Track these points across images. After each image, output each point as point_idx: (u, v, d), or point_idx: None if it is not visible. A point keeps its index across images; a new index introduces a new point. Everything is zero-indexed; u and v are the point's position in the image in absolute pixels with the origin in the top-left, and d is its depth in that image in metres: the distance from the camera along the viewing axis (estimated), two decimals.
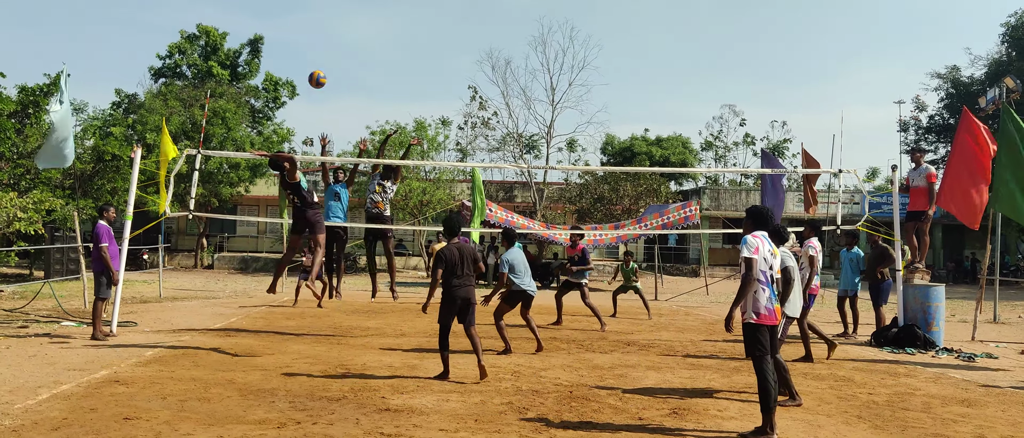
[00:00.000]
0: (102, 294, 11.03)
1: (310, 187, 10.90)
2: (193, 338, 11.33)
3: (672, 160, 48.64)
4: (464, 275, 8.59)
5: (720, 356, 10.91)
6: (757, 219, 6.73)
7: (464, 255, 8.59)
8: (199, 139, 16.24)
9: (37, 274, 23.70)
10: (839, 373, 9.69)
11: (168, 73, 39.45)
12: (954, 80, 46.81)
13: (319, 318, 14.47)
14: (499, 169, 46.70)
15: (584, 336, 12.62)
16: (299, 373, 8.68)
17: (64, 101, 12.45)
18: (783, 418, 7.05)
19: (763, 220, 6.73)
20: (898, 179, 13.75)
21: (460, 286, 8.54)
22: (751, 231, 6.65)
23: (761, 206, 6.98)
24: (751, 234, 6.58)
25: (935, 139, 49.28)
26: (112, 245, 11.22)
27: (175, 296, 18.61)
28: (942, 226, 41.03)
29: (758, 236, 6.56)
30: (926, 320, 12.52)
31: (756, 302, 6.41)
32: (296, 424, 6.40)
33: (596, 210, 34.54)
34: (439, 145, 37.40)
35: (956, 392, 8.62)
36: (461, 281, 8.56)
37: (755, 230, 6.65)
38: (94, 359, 9.19)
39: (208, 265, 35.30)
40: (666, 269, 35.06)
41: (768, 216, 6.75)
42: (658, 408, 7.36)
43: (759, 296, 6.41)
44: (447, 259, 8.52)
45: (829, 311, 17.03)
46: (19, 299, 15.98)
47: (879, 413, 7.42)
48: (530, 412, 7.07)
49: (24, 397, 7.10)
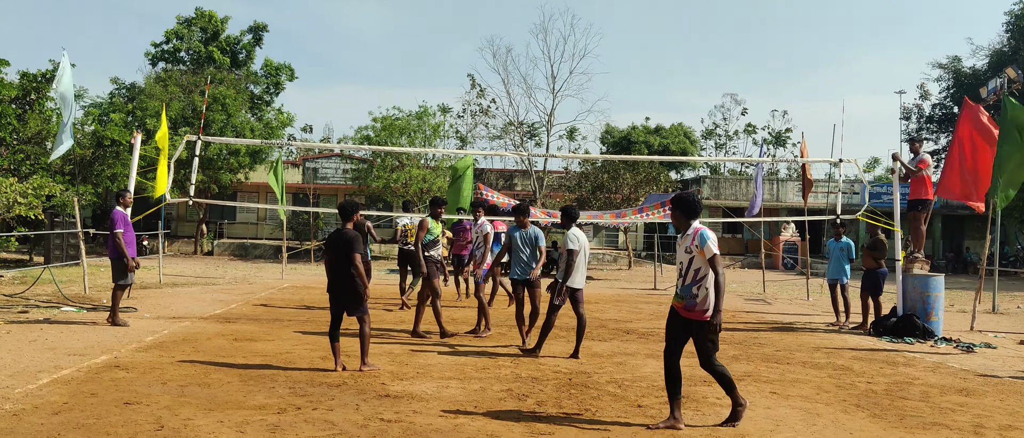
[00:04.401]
0: (119, 281, 10.94)
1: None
2: (193, 324, 11.35)
3: (672, 149, 48.57)
4: None
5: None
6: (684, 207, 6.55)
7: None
8: (199, 125, 16.21)
9: (37, 259, 23.70)
10: (838, 362, 9.71)
11: (167, 58, 39.29)
12: (956, 71, 46.73)
13: (318, 304, 14.48)
14: (499, 157, 46.67)
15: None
16: (299, 359, 8.70)
17: (63, 85, 12.40)
18: (782, 407, 7.07)
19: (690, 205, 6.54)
20: (898, 169, 13.72)
21: None
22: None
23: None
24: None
25: (936, 129, 49.23)
26: (128, 231, 11.04)
27: (175, 282, 18.62)
28: (942, 216, 41.04)
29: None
30: (925, 310, 12.53)
31: None
32: (296, 409, 6.41)
33: (596, 198, 34.53)
34: (442, 134, 37.36)
35: (954, 382, 8.64)
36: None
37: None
38: (94, 344, 9.21)
39: (208, 251, 35.31)
40: (665, 258, 35.03)
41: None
42: (657, 396, 7.38)
43: None
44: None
45: (827, 300, 17.05)
46: (19, 284, 15.99)
47: (877, 402, 7.44)
48: (529, 399, 7.08)
49: (25, 382, 7.11)
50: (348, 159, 40.30)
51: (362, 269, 8.10)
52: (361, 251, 8.10)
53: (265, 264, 28.94)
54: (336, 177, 42.11)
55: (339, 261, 8.11)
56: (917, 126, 49.65)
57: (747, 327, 13.19)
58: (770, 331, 12.76)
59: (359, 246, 8.07)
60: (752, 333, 12.39)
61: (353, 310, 8.24)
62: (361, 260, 8.08)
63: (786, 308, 17.08)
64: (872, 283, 13.10)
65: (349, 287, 8.13)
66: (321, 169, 42.38)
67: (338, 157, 41.65)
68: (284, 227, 25.02)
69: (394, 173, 33.93)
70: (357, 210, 8.48)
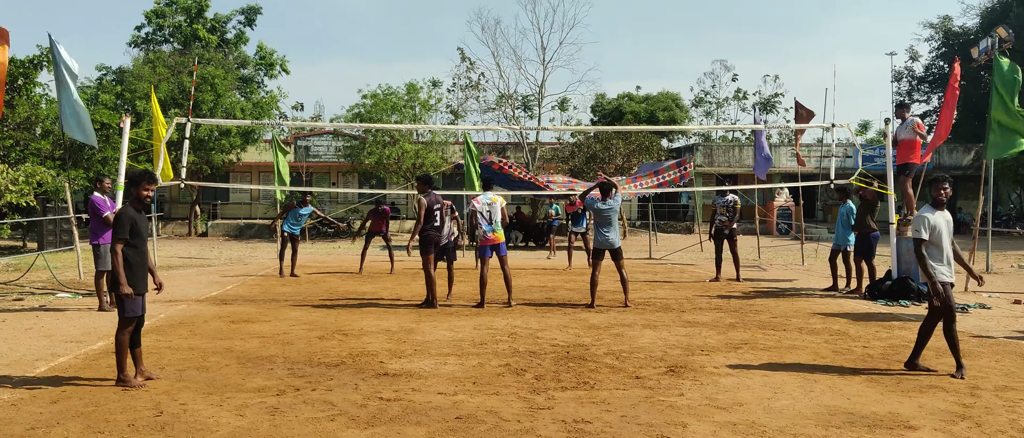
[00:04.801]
0: (102, 266, 10.88)
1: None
2: (189, 307, 11.35)
3: (660, 118, 48.42)
4: None
5: (716, 312, 10.96)
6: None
7: None
8: (188, 107, 16.17)
9: (30, 246, 23.64)
10: (834, 327, 9.75)
11: (149, 41, 38.89)
12: (946, 30, 46.63)
13: (315, 284, 14.49)
14: (492, 131, 46.52)
15: (580, 296, 12.65)
16: (297, 340, 8.71)
17: (61, 70, 12.11)
18: (780, 374, 7.10)
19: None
20: (891, 132, 13.71)
21: None
22: None
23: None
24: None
25: (928, 89, 49.21)
26: (103, 212, 10.88)
27: (170, 265, 18.58)
28: (934, 178, 41.02)
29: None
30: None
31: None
32: (295, 391, 6.42)
33: (589, 169, 34.48)
34: (431, 108, 37.19)
35: None
36: None
37: None
38: (91, 330, 9.20)
39: (202, 233, 35.26)
40: (660, 227, 35.07)
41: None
42: (655, 366, 7.40)
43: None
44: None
45: (823, 265, 17.10)
46: (13, 271, 15.96)
47: (874, 366, 7.48)
48: (528, 373, 7.10)
49: (22, 370, 7.11)
50: (340, 136, 40.14)
51: (118, 257, 6.54)
52: (119, 234, 6.55)
53: (260, 244, 28.91)
54: (329, 155, 41.97)
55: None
56: (908, 88, 49.60)
57: (743, 294, 13.23)
58: (766, 297, 12.80)
59: (118, 227, 6.57)
60: (748, 300, 12.43)
61: None
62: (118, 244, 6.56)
63: (781, 274, 17.14)
64: (865, 247, 13.13)
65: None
66: (313, 147, 42.23)
67: (330, 135, 41.49)
68: (278, 207, 24.95)
69: (387, 149, 33.83)
70: (138, 181, 6.76)
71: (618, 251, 11.50)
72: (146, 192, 6.71)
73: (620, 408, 5.98)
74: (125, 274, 6.51)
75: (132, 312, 6.62)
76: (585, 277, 14.19)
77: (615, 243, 11.43)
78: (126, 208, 6.65)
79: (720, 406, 6.04)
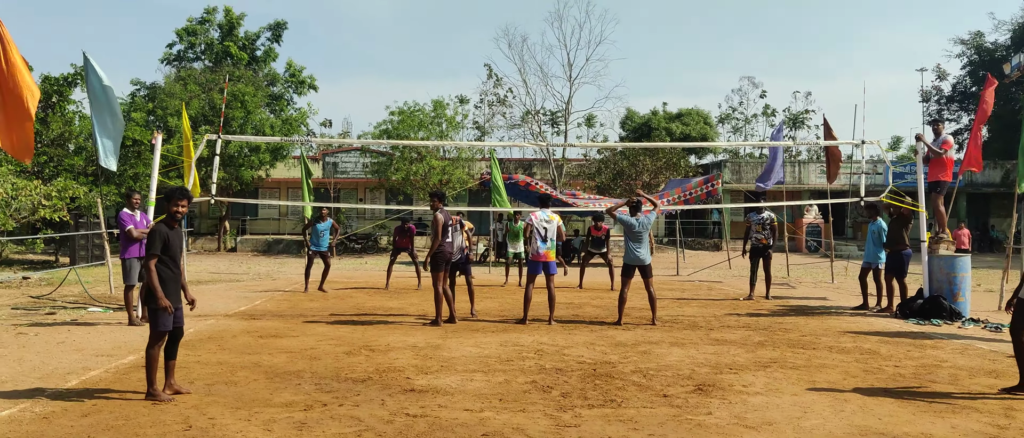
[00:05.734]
0: (128, 282, 11.05)
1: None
2: (218, 321, 11.43)
3: (692, 135, 48.30)
4: None
5: (744, 330, 10.87)
6: None
7: None
8: (219, 123, 16.33)
9: (63, 260, 23.95)
10: (865, 346, 9.64)
11: (181, 58, 39.41)
12: (978, 46, 46.14)
13: (342, 299, 14.56)
14: (519, 147, 46.61)
15: (607, 313, 12.60)
16: (324, 355, 8.74)
17: (95, 90, 12.22)
18: (809, 394, 7.02)
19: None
20: (921, 149, 13.57)
21: None
22: None
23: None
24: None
25: (957, 108, 48.69)
26: (131, 225, 11.02)
27: (199, 279, 18.75)
28: (967, 194, 40.57)
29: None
30: (952, 291, 12.41)
31: None
32: (322, 406, 6.44)
33: (616, 185, 34.43)
34: (458, 125, 37.34)
35: (984, 363, 8.55)
36: None
37: None
38: (121, 344, 9.29)
39: (231, 248, 35.55)
40: (688, 244, 34.88)
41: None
42: (683, 385, 7.35)
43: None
44: None
45: (853, 283, 16.93)
46: (46, 286, 16.18)
47: (906, 386, 7.38)
48: (554, 390, 7.07)
49: (54, 383, 7.19)
50: (367, 153, 40.40)
51: (151, 272, 6.65)
52: (152, 249, 6.69)
53: (288, 259, 29.09)
54: (356, 171, 42.23)
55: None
56: (937, 107, 49.11)
57: (771, 312, 13.11)
58: (795, 315, 12.69)
59: (150, 243, 6.72)
60: (777, 318, 12.32)
61: None
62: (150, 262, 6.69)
63: (811, 292, 16.98)
64: (897, 264, 12.97)
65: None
66: (341, 163, 42.52)
67: (357, 151, 41.77)
68: (305, 222, 25.11)
69: (413, 166, 33.99)
70: (172, 197, 6.88)
71: (647, 268, 11.41)
72: (179, 208, 6.82)
73: (648, 426, 5.93)
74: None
75: (164, 327, 6.70)
76: (610, 297, 14.15)
77: (646, 260, 11.35)
78: (159, 225, 6.76)
79: (749, 425, 5.97)
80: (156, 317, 6.66)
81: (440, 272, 11.15)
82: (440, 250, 11.08)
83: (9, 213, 16.61)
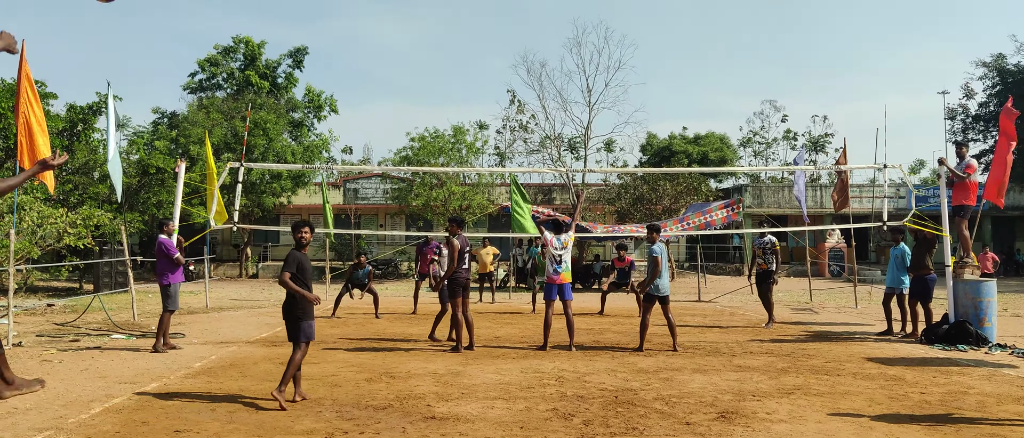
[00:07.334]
0: (169, 307, 11.24)
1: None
2: (240, 348, 11.47)
3: (711, 158, 48.20)
4: None
5: (767, 356, 10.77)
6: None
7: None
8: (241, 151, 16.52)
9: (87, 287, 24.16)
10: (890, 372, 9.52)
11: (204, 87, 39.90)
12: (1000, 68, 45.84)
13: (362, 325, 14.57)
14: (538, 173, 46.68)
15: (628, 339, 12.54)
16: (345, 382, 8.74)
17: (110, 124, 12.59)
18: (834, 421, 6.94)
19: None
20: (944, 173, 13.46)
21: None
22: None
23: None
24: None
25: (983, 128, 48.32)
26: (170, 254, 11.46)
27: (221, 306, 18.85)
28: (991, 218, 40.18)
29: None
30: (978, 316, 12.26)
31: None
32: (343, 433, 6.43)
33: (636, 210, 34.36)
34: (477, 151, 37.48)
35: (1011, 390, 8.42)
36: None
37: None
38: (144, 371, 9.34)
39: (252, 275, 35.74)
40: (709, 268, 34.70)
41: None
42: (705, 412, 7.28)
43: None
44: None
45: (877, 308, 16.75)
46: (70, 313, 16.31)
47: (932, 413, 7.27)
48: (576, 418, 7.03)
49: (78, 411, 7.22)
50: (388, 179, 40.60)
51: (292, 285, 7.66)
52: (286, 268, 7.68)
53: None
54: (376, 197, 42.42)
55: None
56: (962, 127, 48.76)
57: (795, 338, 13.00)
58: (819, 341, 12.56)
59: (286, 264, 7.69)
60: (800, 344, 12.21)
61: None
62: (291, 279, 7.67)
63: (834, 317, 16.82)
64: (922, 289, 12.83)
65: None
66: (361, 190, 42.73)
67: (378, 177, 41.99)
68: (327, 248, 25.26)
69: (433, 191, 34.10)
70: (296, 228, 7.91)
71: (665, 297, 11.41)
72: (303, 235, 7.81)
73: None
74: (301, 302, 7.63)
75: (312, 335, 7.78)
76: (632, 323, 14.08)
77: (666, 290, 11.36)
78: (293, 251, 7.77)
79: None
80: (302, 327, 7.69)
81: (458, 298, 11.18)
82: (456, 275, 11.10)
83: (35, 240, 16.78)
